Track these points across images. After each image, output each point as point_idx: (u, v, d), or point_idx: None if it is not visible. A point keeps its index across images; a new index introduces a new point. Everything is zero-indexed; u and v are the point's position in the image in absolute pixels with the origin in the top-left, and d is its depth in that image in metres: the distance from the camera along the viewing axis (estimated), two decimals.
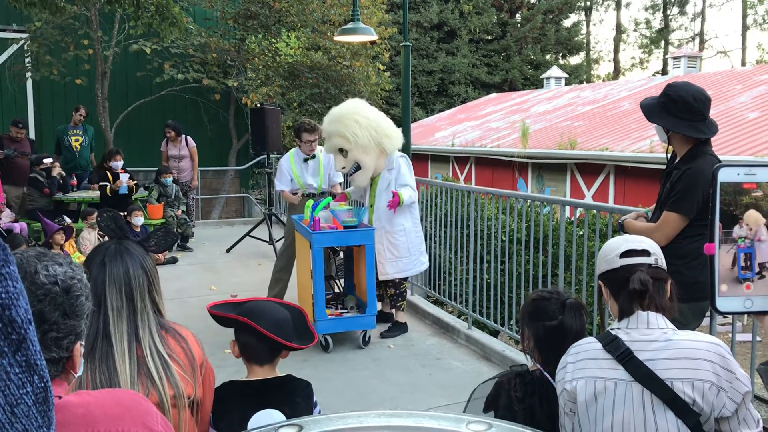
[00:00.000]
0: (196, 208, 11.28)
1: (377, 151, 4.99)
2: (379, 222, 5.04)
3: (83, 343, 1.21)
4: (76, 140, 9.14)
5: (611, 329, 1.79)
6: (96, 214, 6.92)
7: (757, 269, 1.37)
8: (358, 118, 4.93)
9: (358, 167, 5.04)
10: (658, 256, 1.81)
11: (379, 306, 5.35)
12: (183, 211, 8.72)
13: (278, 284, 5.78)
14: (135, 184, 8.30)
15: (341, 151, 5.03)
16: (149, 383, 1.68)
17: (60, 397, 1.13)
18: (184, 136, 9.14)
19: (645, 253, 1.79)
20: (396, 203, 4.89)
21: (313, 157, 5.91)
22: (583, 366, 1.75)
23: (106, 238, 1.92)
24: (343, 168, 5.12)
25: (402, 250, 5.06)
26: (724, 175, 1.38)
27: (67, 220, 7.65)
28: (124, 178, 8.04)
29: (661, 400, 1.65)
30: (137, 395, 1.28)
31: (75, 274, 1.18)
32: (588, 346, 1.79)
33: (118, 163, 8.16)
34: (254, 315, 2.01)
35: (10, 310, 0.67)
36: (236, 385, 2.03)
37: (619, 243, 1.84)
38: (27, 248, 1.22)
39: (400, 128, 5.35)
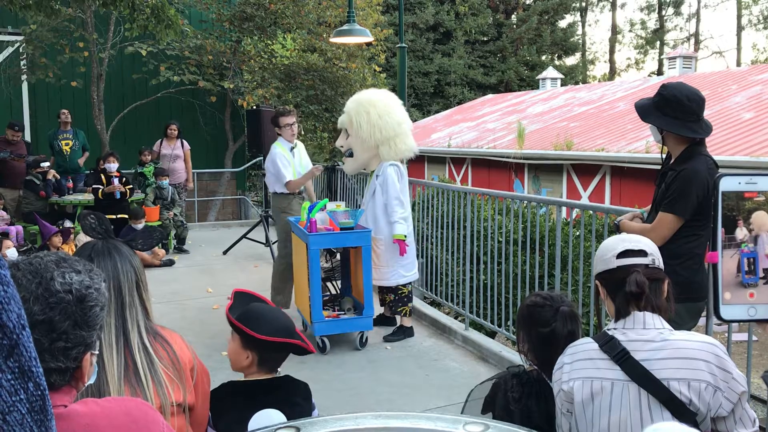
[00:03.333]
0: (192, 210, 11.29)
1: (374, 151, 4.98)
2: (366, 226, 5.03)
3: (95, 352, 1.18)
4: (66, 144, 9.15)
5: (608, 329, 1.79)
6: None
7: (761, 274, 1.37)
8: (371, 111, 4.88)
9: (352, 153, 5.10)
10: (655, 256, 1.81)
11: (381, 310, 5.35)
12: (176, 214, 8.70)
13: (280, 293, 5.61)
14: (130, 188, 8.27)
15: (345, 130, 5.08)
16: (135, 381, 1.67)
17: (66, 406, 1.11)
18: (181, 138, 9.28)
19: (642, 253, 1.79)
20: (404, 248, 4.90)
21: (296, 146, 5.76)
22: (580, 366, 1.76)
23: None
24: (341, 147, 5.19)
25: (381, 259, 5.00)
26: (726, 185, 1.38)
27: (68, 222, 7.62)
28: (116, 183, 8.03)
29: (657, 399, 1.66)
30: (145, 405, 1.26)
31: (92, 284, 1.15)
32: (585, 347, 1.79)
33: (112, 166, 8.15)
34: (261, 319, 2.00)
35: (0, 314, 0.66)
36: (236, 386, 2.03)
37: (616, 243, 1.83)
38: (47, 252, 1.20)
39: None
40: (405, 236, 4.92)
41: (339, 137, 5.23)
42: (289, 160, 5.61)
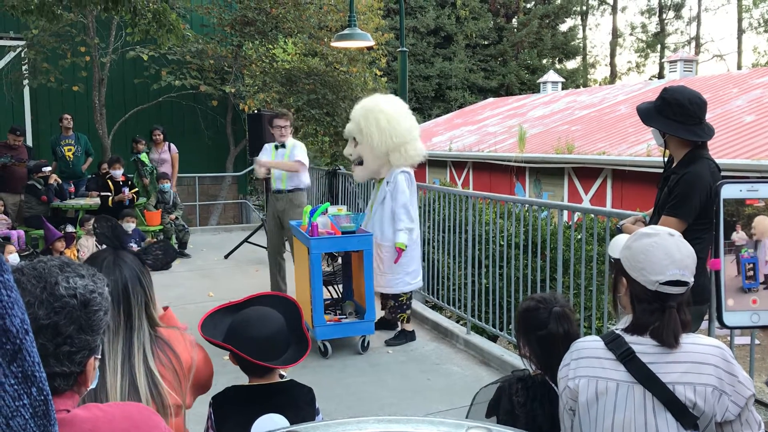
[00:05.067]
0: (194, 214, 11.29)
1: (384, 158, 4.93)
2: (372, 231, 5.00)
3: (98, 356, 1.19)
4: (69, 149, 9.15)
5: (615, 329, 1.78)
6: (93, 221, 6.90)
7: (762, 279, 1.37)
8: (380, 118, 4.83)
9: (362, 161, 5.05)
10: (691, 282, 1.71)
11: (382, 313, 5.34)
12: (178, 217, 8.69)
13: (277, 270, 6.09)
14: (136, 192, 8.29)
15: (354, 138, 5.05)
16: (135, 399, 1.66)
17: (68, 411, 1.11)
18: (168, 142, 9.31)
19: (685, 284, 1.69)
20: (400, 257, 4.90)
21: (284, 146, 5.89)
22: (586, 364, 1.74)
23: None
24: (350, 155, 5.17)
25: (386, 266, 4.99)
26: (727, 192, 1.38)
27: (70, 227, 7.61)
28: (126, 192, 8.04)
29: (661, 402, 1.65)
30: (147, 409, 1.26)
31: (96, 288, 1.16)
32: (590, 344, 1.78)
33: (118, 172, 8.15)
34: (241, 335, 1.97)
35: (4, 319, 0.66)
36: (239, 390, 2.02)
37: (667, 265, 1.66)
38: (51, 257, 1.20)
39: None
40: (405, 247, 4.90)
41: (347, 146, 5.19)
42: (270, 155, 6.00)
